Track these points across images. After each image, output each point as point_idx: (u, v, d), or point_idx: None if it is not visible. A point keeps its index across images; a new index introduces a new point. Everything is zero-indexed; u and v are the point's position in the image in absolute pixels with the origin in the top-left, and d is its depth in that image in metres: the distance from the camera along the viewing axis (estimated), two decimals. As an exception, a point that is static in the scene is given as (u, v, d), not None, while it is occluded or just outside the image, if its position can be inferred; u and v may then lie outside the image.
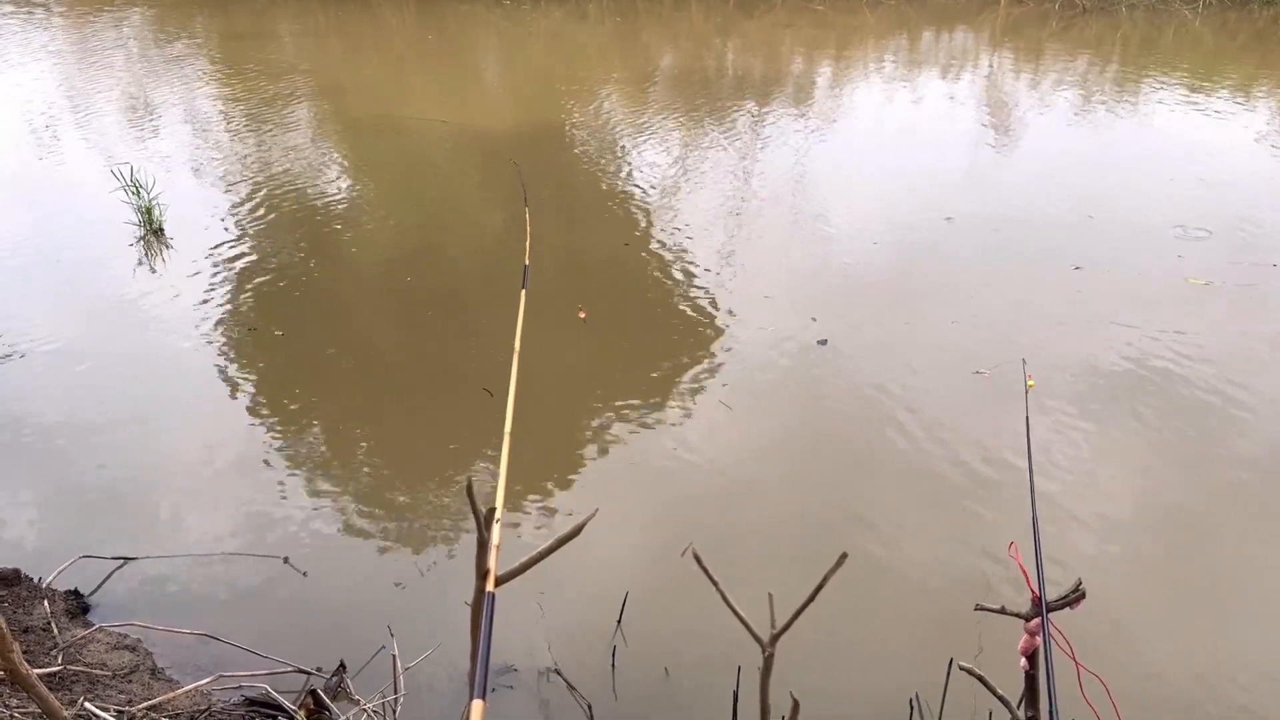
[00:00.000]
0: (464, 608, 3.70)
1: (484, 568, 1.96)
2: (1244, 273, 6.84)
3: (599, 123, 11.26)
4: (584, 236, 7.75)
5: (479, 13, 18.40)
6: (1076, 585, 2.49)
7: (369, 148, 10.20)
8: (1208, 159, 9.83)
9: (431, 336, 6.10)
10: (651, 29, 17.75)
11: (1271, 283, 6.72)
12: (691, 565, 4.08)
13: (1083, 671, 2.55)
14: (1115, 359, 5.67)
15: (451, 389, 5.39)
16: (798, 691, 3.50)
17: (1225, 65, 15.31)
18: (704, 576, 3.90)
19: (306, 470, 4.79)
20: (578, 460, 4.92)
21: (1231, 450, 4.88)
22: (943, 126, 11.54)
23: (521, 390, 2.81)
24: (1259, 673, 3.58)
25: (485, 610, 1.87)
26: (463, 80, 14.02)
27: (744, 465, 4.81)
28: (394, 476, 4.78)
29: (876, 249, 7.35)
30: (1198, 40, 16.96)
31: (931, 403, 5.27)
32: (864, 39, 17.12)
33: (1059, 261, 7.00)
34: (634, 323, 6.37)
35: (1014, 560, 2.53)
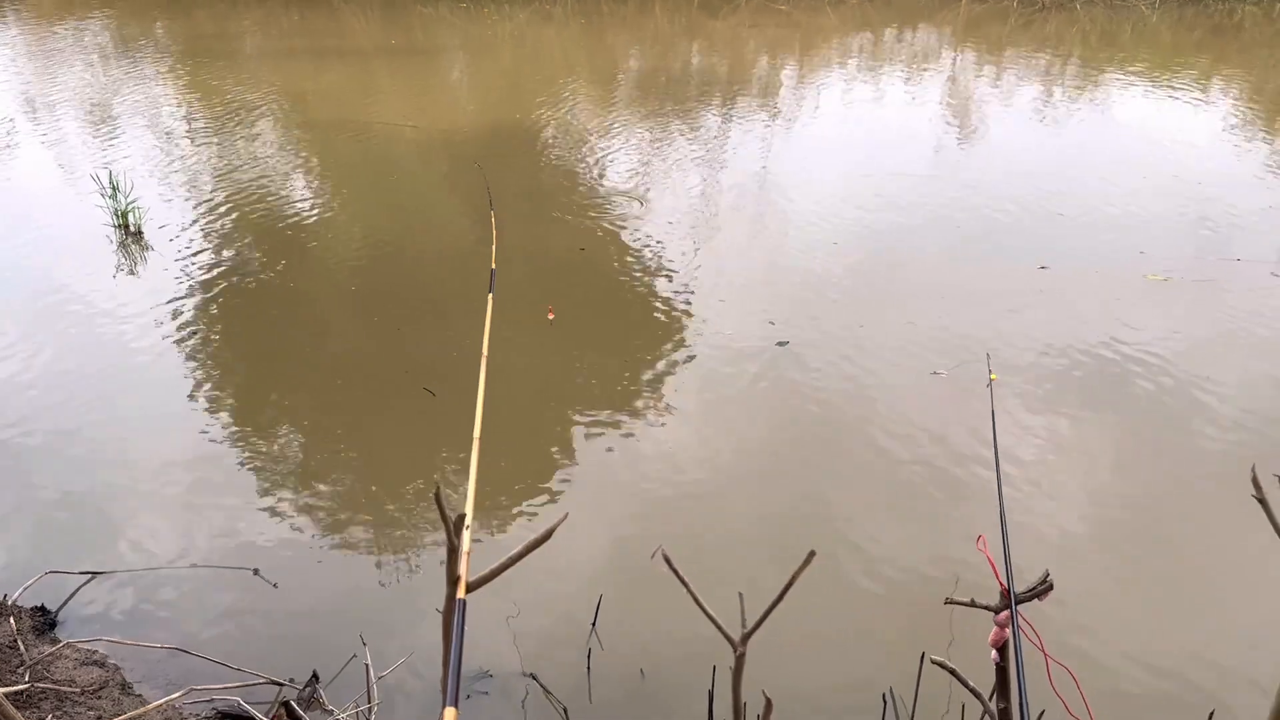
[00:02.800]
0: (436, 614, 3.69)
1: (455, 574, 1.95)
2: (1206, 268, 6.94)
3: (566, 124, 11.25)
4: (551, 238, 7.74)
5: (443, 15, 18.35)
6: (1044, 577, 2.52)
7: (336, 152, 10.13)
8: (1170, 153, 9.97)
9: (399, 341, 6.07)
10: (617, 30, 17.76)
11: (1231, 277, 6.82)
12: (664, 566, 4.10)
13: (1052, 663, 2.59)
14: (1077, 355, 5.73)
15: (421, 394, 5.36)
16: (772, 689, 3.51)
17: (1184, 60, 15.53)
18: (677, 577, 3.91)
19: (276, 480, 4.75)
20: (549, 463, 4.92)
21: (1195, 442, 4.96)
22: (907, 125, 11.62)
23: (490, 393, 2.80)
24: (1223, 660, 3.64)
25: (456, 617, 1.86)
26: (429, 83, 13.96)
27: (713, 465, 4.83)
28: (364, 484, 4.75)
29: (837, 249, 7.39)
30: (1155, 35, 17.21)
31: (897, 400, 5.31)
32: (828, 38, 17.22)
33: (1025, 259, 7.07)
34: (602, 324, 6.37)
35: (983, 553, 2.56)
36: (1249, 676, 3.53)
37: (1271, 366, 5.63)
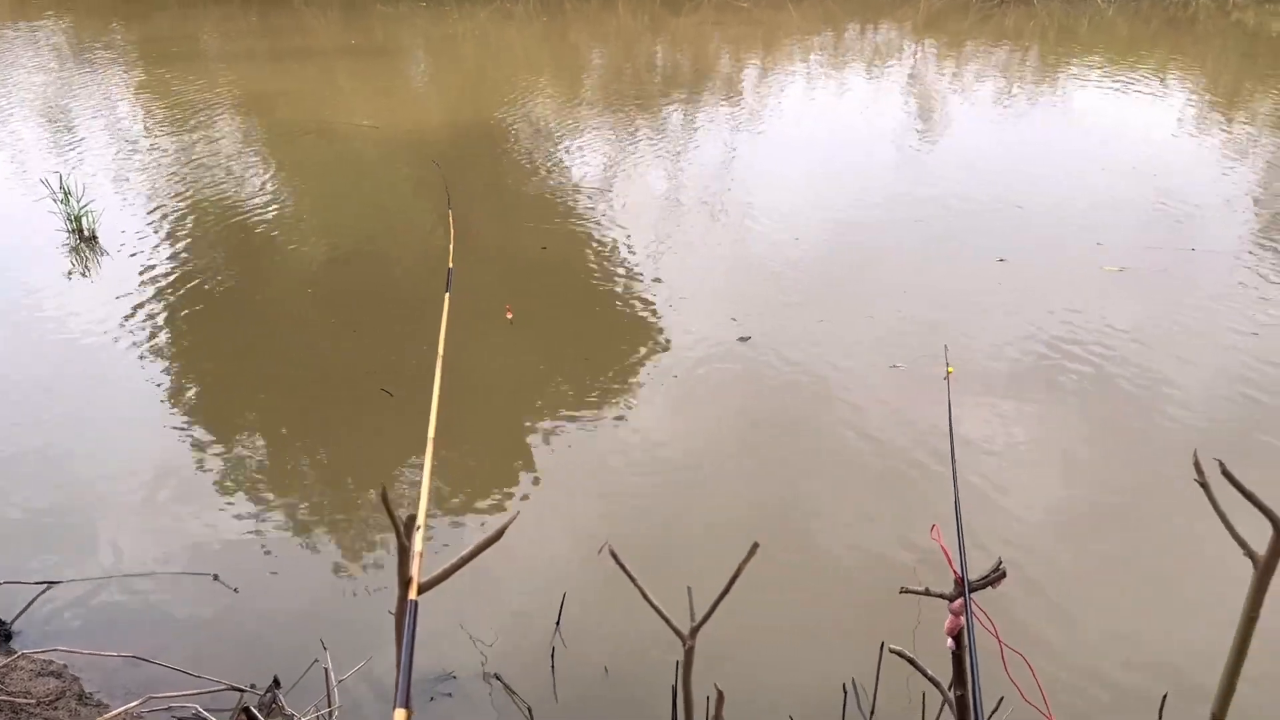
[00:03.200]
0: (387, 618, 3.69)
1: (406, 576, 1.94)
2: (1161, 258, 7.03)
3: (529, 122, 11.22)
4: (513, 236, 7.72)
5: (404, 15, 18.23)
6: (997, 565, 2.54)
7: (297, 153, 10.05)
8: (1129, 145, 10.09)
9: (359, 343, 6.03)
10: (579, 28, 17.73)
11: (1184, 267, 6.92)
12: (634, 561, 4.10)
13: (1007, 650, 2.61)
14: (1035, 347, 5.79)
15: (378, 396, 5.33)
16: (735, 681, 3.53)
17: (1140, 52, 15.73)
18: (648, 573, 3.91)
19: (235, 485, 4.70)
20: (510, 462, 4.91)
21: (1152, 430, 5.03)
22: (869, 121, 11.70)
23: (448, 393, 2.79)
24: (1182, 645, 3.69)
25: (408, 619, 1.85)
26: (390, 83, 13.86)
27: (674, 462, 4.83)
28: (323, 486, 4.72)
29: (799, 244, 7.42)
30: (1112, 28, 17.42)
31: (857, 394, 5.34)
32: (790, 34, 17.28)
33: (983, 253, 7.13)
34: (564, 323, 6.36)
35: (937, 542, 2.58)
36: (1206, 660, 3.58)
37: (1223, 354, 5.71)
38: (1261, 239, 7.51)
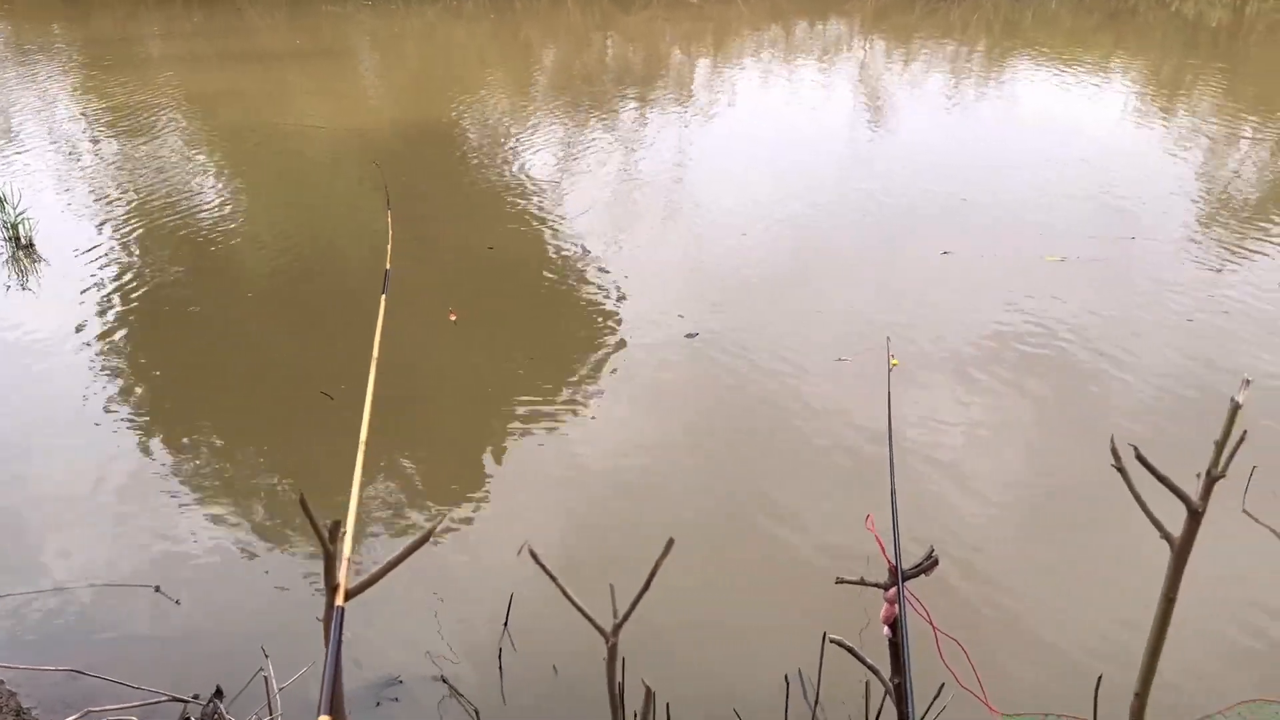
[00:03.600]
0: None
1: (333, 581, 1.93)
2: (1100, 248, 7.15)
3: (479, 121, 11.17)
4: (460, 235, 7.68)
5: (350, 13, 18.06)
6: (929, 553, 2.57)
7: (242, 155, 9.92)
8: (1073, 137, 10.25)
9: (301, 347, 5.98)
10: (530, 25, 17.67)
11: (1124, 257, 7.04)
12: (577, 562, 4.11)
13: (943, 637, 2.65)
14: (977, 338, 5.86)
15: (319, 400, 5.27)
16: (682, 675, 3.55)
17: (1084, 45, 15.98)
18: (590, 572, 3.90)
19: (175, 494, 4.63)
20: (455, 464, 4.89)
21: (1090, 417, 5.11)
22: (817, 115, 11.78)
23: (391, 397, 2.77)
24: (1121, 627, 3.76)
25: (334, 625, 1.84)
26: (338, 83, 13.73)
27: (620, 460, 4.83)
28: (264, 494, 4.66)
29: (746, 240, 7.45)
30: (1056, 22, 17.68)
31: (804, 388, 5.38)
32: (740, 30, 17.35)
33: (928, 246, 7.21)
34: (508, 323, 6.33)
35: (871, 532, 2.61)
36: (1144, 641, 3.65)
37: (1158, 342, 5.82)
38: (1200, 228, 7.67)
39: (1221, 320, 6.01)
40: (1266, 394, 5.14)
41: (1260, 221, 7.75)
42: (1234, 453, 1.83)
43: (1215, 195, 8.47)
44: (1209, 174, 9.15)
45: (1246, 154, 9.84)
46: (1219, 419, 1.82)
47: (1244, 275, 6.68)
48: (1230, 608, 3.80)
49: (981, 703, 2.71)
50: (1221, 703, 2.58)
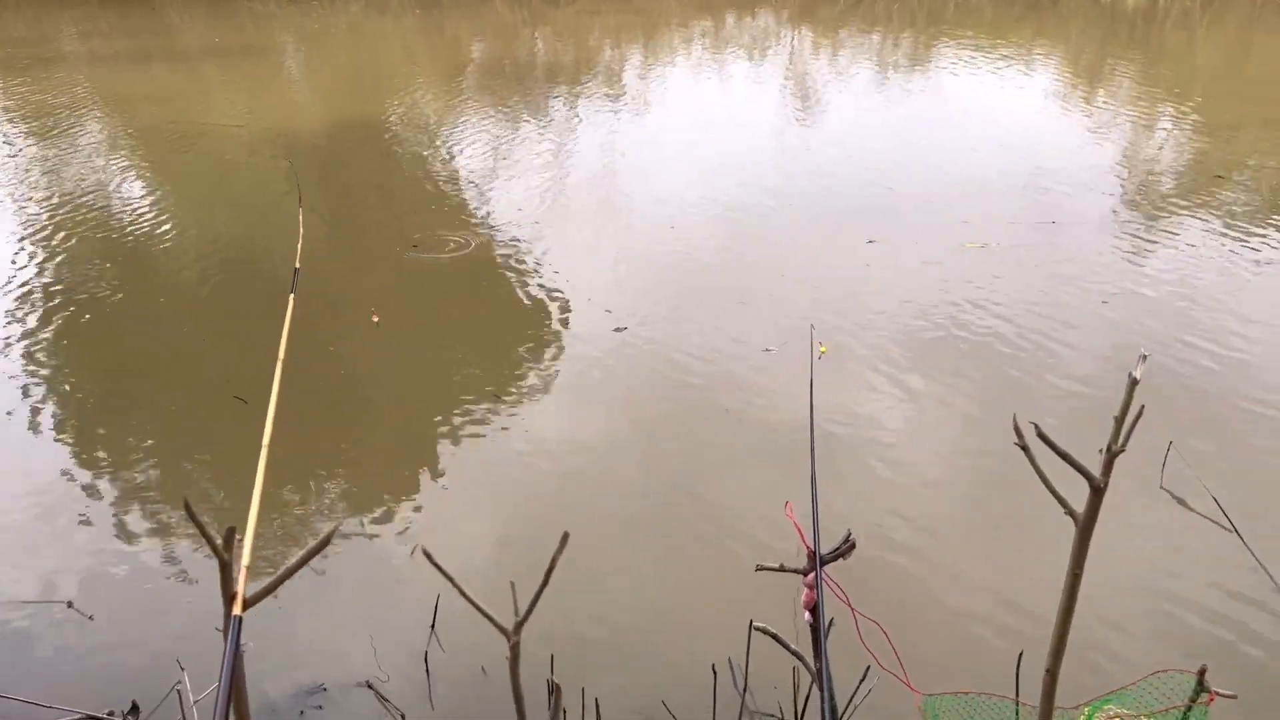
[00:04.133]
0: (256, 635, 3.57)
1: (230, 591, 1.86)
2: (1022, 233, 7.26)
3: (405, 117, 11.01)
4: (385, 235, 7.56)
5: (272, 11, 17.70)
6: (847, 537, 2.58)
7: (160, 158, 9.66)
8: (997, 124, 10.42)
9: (217, 351, 5.83)
10: (457, 20, 17.48)
11: (1045, 241, 7.16)
12: (506, 562, 4.06)
13: (864, 620, 2.66)
14: (899, 324, 5.92)
15: (234, 405, 5.14)
16: (612, 669, 3.53)
17: (1006, 33, 16.26)
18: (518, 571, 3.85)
19: (86, 507, 4.48)
20: (380, 466, 4.81)
21: (1015, 398, 5.18)
22: (747, 107, 11.83)
23: (311, 399, 2.70)
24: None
25: (230, 635, 1.78)
26: (261, 82, 13.45)
27: (544, 458, 4.78)
28: (178, 504, 4.52)
29: (674, 232, 7.44)
30: (979, 12, 17.96)
31: (733, 378, 5.38)
32: (669, 23, 17.36)
33: (854, 235, 7.26)
34: (432, 322, 6.24)
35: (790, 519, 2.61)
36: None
37: (1075, 322, 5.92)
38: (1119, 210, 7.84)
39: (1138, 300, 6.14)
40: (1182, 368, 5.27)
41: (1176, 203, 7.94)
42: (1133, 428, 1.84)
43: (1133, 179, 8.67)
44: (1127, 158, 9.36)
45: (1163, 138, 10.09)
46: (1137, 397, 1.82)
47: (1160, 256, 6.83)
48: (1145, 583, 3.87)
49: (903, 684, 2.74)
50: (1136, 675, 2.63)
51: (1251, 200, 7.97)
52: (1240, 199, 7.97)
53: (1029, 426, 1.95)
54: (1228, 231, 7.20)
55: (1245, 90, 12.55)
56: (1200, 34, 16.20)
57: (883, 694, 3.05)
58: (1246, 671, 3.40)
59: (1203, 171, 8.75)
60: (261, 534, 4.16)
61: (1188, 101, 11.41)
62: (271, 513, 4.36)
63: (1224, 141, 9.69)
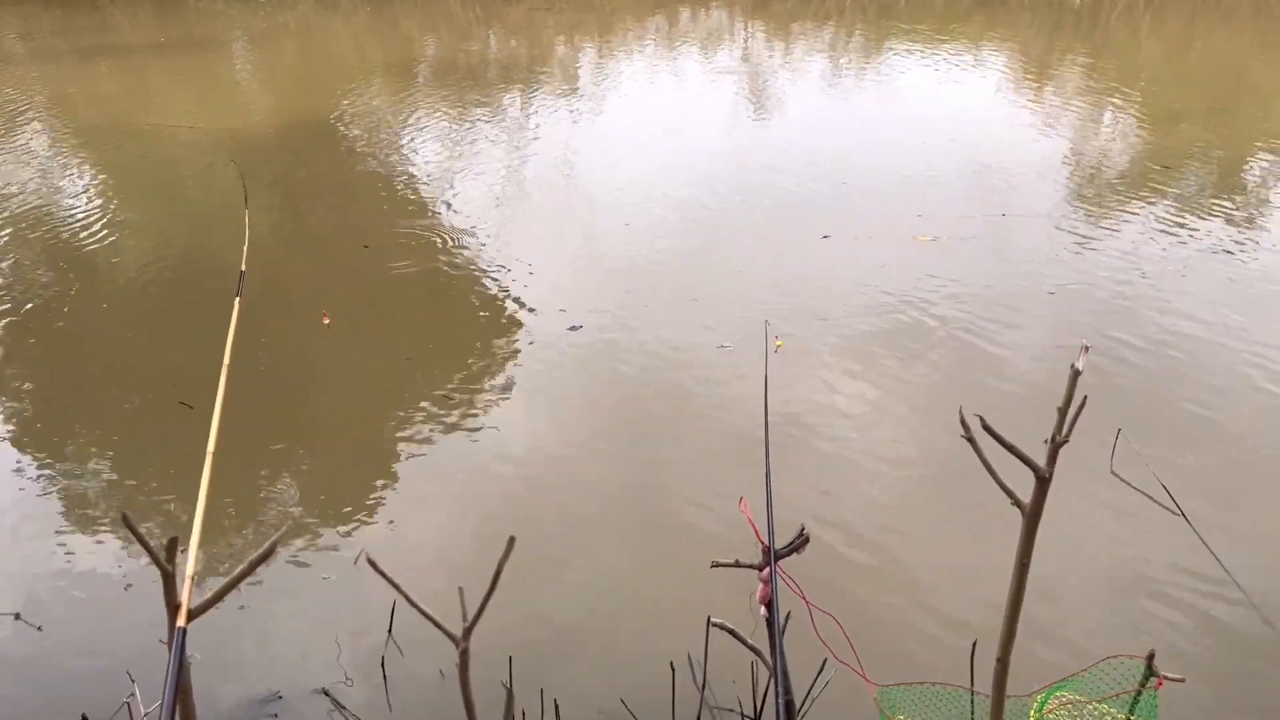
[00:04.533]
0: (205, 643, 3.51)
1: (175, 601, 1.83)
2: (972, 226, 7.33)
3: (358, 116, 10.90)
4: (337, 236, 7.47)
5: (220, 9, 17.43)
6: (800, 531, 2.59)
7: (106, 159, 9.48)
8: (949, 117, 10.50)
9: (164, 357, 5.73)
10: (409, 17, 17.33)
11: (994, 233, 7.24)
12: (463, 565, 4.03)
13: (820, 613, 2.67)
14: (853, 319, 5.94)
15: (182, 412, 5.06)
16: (572, 669, 3.52)
17: (957, 26, 16.41)
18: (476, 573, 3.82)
19: (32, 516, 4.39)
20: (333, 470, 4.76)
21: (967, 390, 5.23)
22: (703, 103, 11.84)
23: (262, 403, 2.66)
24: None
25: (174, 646, 1.75)
26: (209, 81, 13.23)
27: (500, 459, 4.75)
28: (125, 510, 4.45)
29: (629, 229, 7.43)
30: (929, 5, 18.12)
31: (690, 374, 5.38)
32: (623, 19, 17.33)
33: (809, 231, 7.28)
34: (385, 324, 6.17)
35: (744, 514, 2.62)
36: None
37: (1028, 313, 6.00)
38: (1067, 202, 7.95)
39: (1085, 291, 6.23)
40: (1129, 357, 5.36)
41: (1122, 194, 8.07)
42: (1076, 418, 1.87)
43: (1081, 171, 8.79)
44: (1075, 150, 9.49)
45: (1109, 130, 10.25)
46: (1084, 387, 1.84)
47: (1107, 246, 6.94)
48: (1097, 569, 3.94)
49: (859, 676, 2.76)
50: (1088, 662, 2.67)
51: (1195, 190, 8.12)
52: (1184, 189, 8.12)
53: (975, 419, 1.97)
54: (1173, 221, 7.33)
55: (1188, 83, 12.79)
56: (1144, 28, 16.47)
57: (840, 686, 3.07)
58: (1195, 655, 3.47)
59: (1148, 163, 8.90)
60: (209, 543, 4.11)
61: (1133, 94, 11.60)
62: (220, 521, 4.29)
63: (1168, 133, 9.86)
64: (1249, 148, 9.20)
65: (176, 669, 1.69)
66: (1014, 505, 1.99)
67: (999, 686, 2.17)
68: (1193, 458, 4.55)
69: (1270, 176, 8.41)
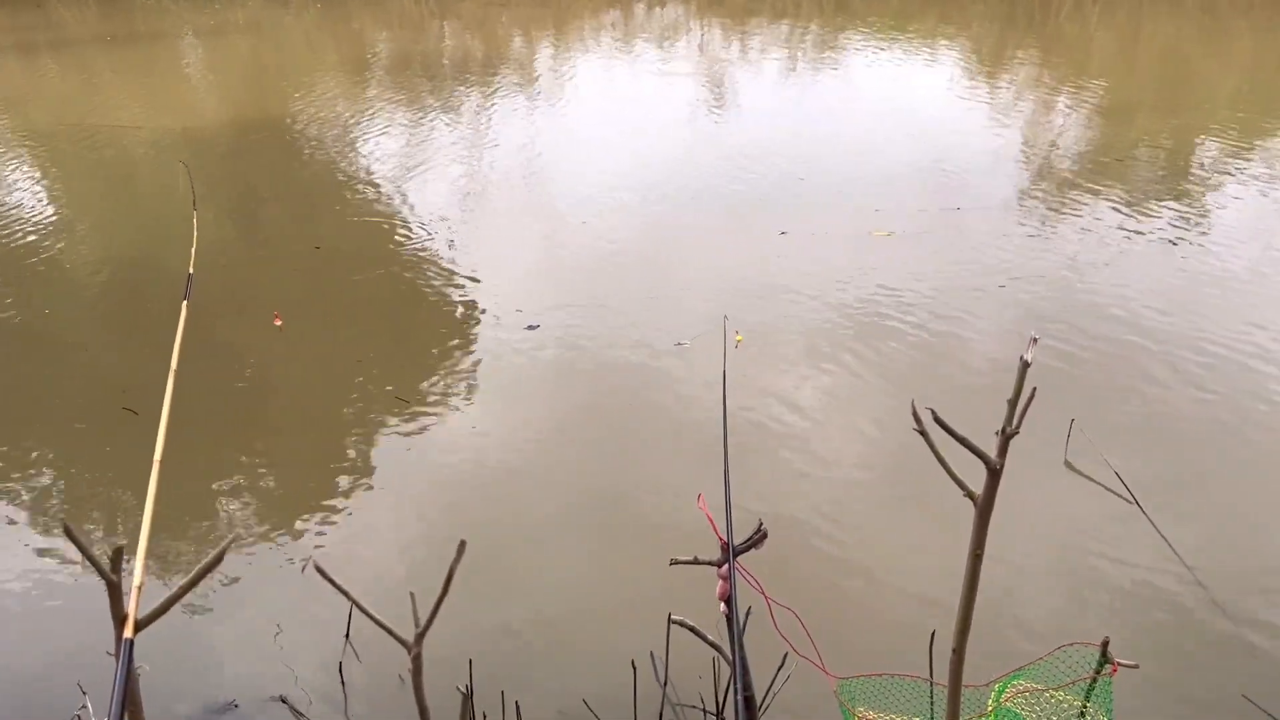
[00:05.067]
0: (163, 654, 3.45)
1: (121, 613, 1.79)
2: (928, 220, 7.39)
3: (312, 115, 10.76)
4: (289, 236, 7.38)
5: (167, 7, 17.14)
6: (758, 527, 2.59)
7: (55, 161, 9.28)
8: (906, 112, 10.58)
9: (111, 362, 5.63)
10: (360, 13, 17.14)
11: (950, 227, 7.30)
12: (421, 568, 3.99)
13: (779, 608, 2.68)
14: (812, 316, 5.97)
15: (129, 418, 4.97)
16: (531, 670, 3.50)
17: (911, 20, 16.55)
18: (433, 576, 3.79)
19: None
20: (287, 475, 4.69)
21: (922, 383, 5.27)
22: (660, 99, 11.83)
23: (211, 407, 2.61)
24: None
25: (121, 659, 1.71)
26: (160, 81, 13.01)
27: (456, 461, 4.71)
28: (72, 520, 4.37)
29: (586, 229, 7.40)
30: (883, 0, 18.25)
31: (649, 372, 5.38)
32: (579, 14, 17.27)
33: (767, 227, 7.29)
34: (338, 326, 6.09)
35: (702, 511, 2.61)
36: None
37: (982, 306, 6.06)
38: (1021, 194, 8.04)
39: (1038, 283, 6.31)
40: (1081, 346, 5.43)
41: (1073, 186, 8.18)
42: (1025, 410, 1.88)
43: (1033, 163, 8.90)
44: (1027, 143, 9.60)
45: (1060, 123, 10.38)
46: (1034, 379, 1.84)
47: (1058, 238, 7.03)
48: (1052, 557, 3.98)
49: (819, 669, 2.76)
50: (1045, 650, 2.70)
51: (1145, 181, 8.25)
52: (1135, 181, 8.24)
53: (927, 413, 1.98)
54: (1123, 212, 7.44)
55: (1137, 76, 12.99)
56: (1093, 22, 16.71)
57: (801, 679, 3.08)
58: (1149, 640, 3.52)
59: (1099, 154, 9.03)
60: (156, 552, 4.04)
61: (1084, 87, 11.75)
62: (169, 529, 4.22)
63: (1119, 125, 10.01)
64: (1197, 139, 9.37)
65: (124, 682, 1.65)
66: (966, 497, 2.00)
67: (955, 677, 2.18)
68: (1145, 445, 4.62)
69: (1218, 167, 8.56)
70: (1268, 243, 6.82)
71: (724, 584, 2.64)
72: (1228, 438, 4.66)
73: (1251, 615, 3.59)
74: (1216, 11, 17.06)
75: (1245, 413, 4.81)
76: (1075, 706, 2.62)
